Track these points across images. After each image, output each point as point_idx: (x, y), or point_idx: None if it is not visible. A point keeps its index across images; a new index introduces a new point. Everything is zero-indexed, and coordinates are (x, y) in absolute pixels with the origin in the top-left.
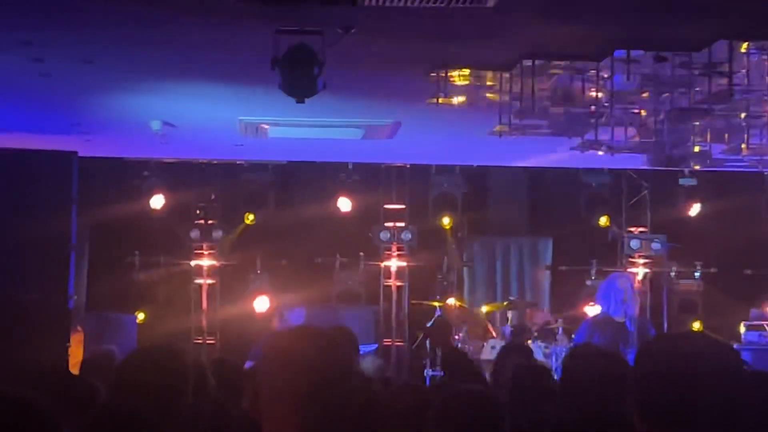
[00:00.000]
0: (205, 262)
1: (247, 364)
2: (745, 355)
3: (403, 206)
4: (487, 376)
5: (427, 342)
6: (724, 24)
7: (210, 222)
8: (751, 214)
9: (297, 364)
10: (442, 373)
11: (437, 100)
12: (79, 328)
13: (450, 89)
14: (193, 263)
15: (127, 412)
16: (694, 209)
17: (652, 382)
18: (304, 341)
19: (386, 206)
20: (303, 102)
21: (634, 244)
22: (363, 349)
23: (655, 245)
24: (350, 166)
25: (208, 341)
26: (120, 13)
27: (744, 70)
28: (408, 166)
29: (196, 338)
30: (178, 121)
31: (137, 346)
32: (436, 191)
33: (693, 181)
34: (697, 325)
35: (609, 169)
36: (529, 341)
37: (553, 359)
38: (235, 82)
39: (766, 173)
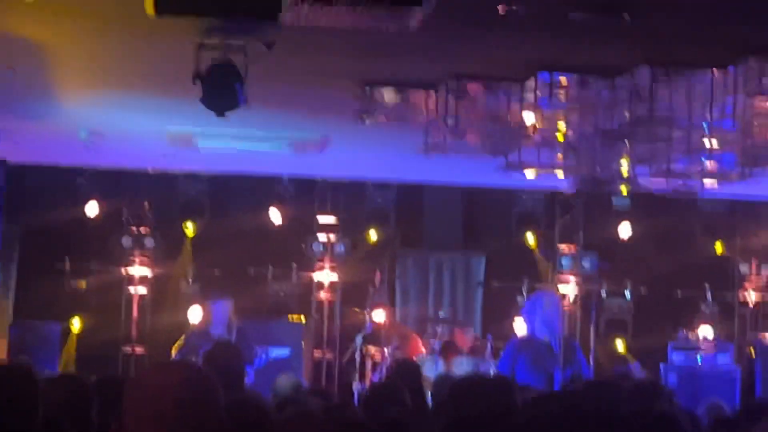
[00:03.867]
0: (137, 271)
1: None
2: (671, 377)
3: (336, 219)
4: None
5: (357, 355)
6: (646, 50)
7: (142, 230)
8: (684, 236)
9: (164, 400)
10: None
11: (363, 119)
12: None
13: (377, 106)
14: (124, 271)
15: None
16: (625, 229)
17: None
18: (172, 377)
19: (320, 219)
20: (223, 116)
21: (565, 262)
22: (276, 352)
23: (586, 263)
24: (285, 179)
25: (137, 351)
26: (43, 23)
27: (668, 96)
28: (343, 180)
29: (125, 347)
30: (107, 129)
31: None
32: (370, 206)
33: (626, 202)
34: (620, 343)
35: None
36: (458, 357)
37: None
38: (162, 93)
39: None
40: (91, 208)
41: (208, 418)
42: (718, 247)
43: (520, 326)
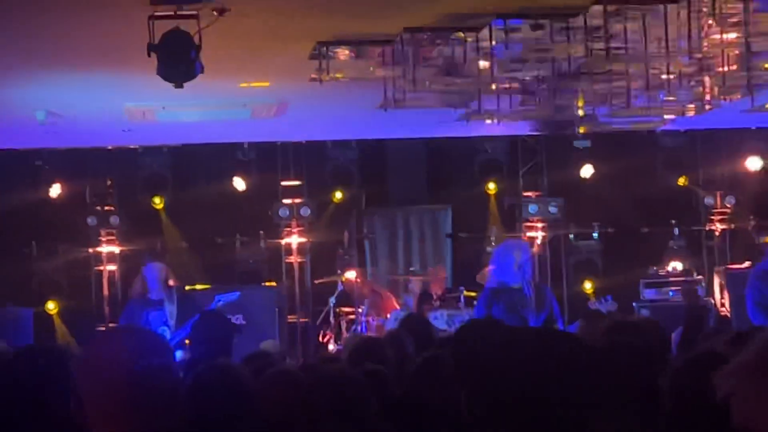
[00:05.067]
0: (105, 249)
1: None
2: (644, 313)
3: (300, 182)
4: None
5: (331, 317)
6: None
7: (107, 208)
8: (647, 172)
9: (115, 366)
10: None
11: (319, 79)
12: None
13: (333, 65)
14: (92, 250)
15: None
16: (587, 170)
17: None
18: (121, 343)
19: (283, 183)
20: (182, 87)
21: (532, 208)
22: (223, 298)
23: (552, 208)
24: (246, 146)
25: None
26: None
27: (621, 33)
28: (304, 142)
29: (99, 326)
30: (64, 110)
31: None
32: (333, 166)
33: (587, 143)
34: (588, 286)
35: (504, 135)
36: (432, 309)
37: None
38: (117, 68)
39: (658, 131)
40: (54, 190)
41: (160, 385)
42: (682, 181)
43: (491, 275)
